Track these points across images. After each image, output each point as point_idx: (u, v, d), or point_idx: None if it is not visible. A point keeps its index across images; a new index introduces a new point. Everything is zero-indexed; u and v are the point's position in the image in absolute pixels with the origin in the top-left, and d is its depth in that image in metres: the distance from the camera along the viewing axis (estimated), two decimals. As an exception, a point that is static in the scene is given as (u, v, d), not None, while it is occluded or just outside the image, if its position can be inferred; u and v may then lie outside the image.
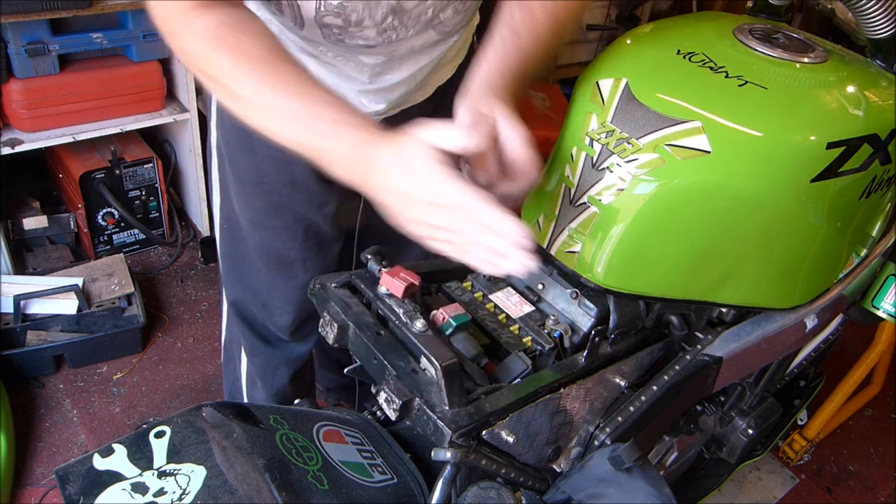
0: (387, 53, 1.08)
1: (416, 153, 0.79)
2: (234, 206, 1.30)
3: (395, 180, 0.80)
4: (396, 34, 1.03)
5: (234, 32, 0.84)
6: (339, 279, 0.98)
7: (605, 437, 0.98)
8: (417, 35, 1.06)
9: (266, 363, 1.46)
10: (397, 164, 0.79)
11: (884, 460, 2.11)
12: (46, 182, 2.51)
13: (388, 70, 1.13)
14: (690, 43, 1.00)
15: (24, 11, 1.81)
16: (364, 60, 1.09)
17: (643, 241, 0.93)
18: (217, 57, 0.84)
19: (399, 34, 1.04)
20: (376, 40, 1.03)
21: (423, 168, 0.78)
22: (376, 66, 1.11)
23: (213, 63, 0.84)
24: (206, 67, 0.85)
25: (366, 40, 1.03)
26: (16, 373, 1.96)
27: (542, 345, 0.98)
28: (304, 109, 0.82)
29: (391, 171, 0.80)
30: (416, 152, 0.79)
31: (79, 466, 0.77)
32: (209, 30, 0.84)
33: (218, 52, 0.84)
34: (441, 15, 1.05)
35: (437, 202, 0.79)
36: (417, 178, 0.79)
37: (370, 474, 0.89)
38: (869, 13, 1.00)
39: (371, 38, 1.03)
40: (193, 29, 0.84)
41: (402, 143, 0.80)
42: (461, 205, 0.78)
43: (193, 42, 0.85)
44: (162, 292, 2.37)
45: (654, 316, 1.04)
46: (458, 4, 1.05)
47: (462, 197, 0.77)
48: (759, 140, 0.89)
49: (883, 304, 1.35)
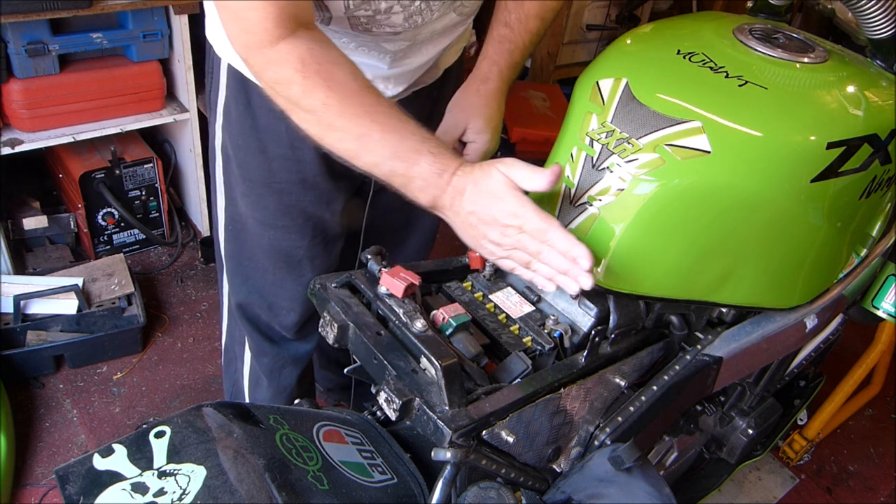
0: (410, 38, 1.10)
1: (495, 180, 0.88)
2: (241, 208, 1.31)
3: (475, 204, 0.89)
4: (422, 18, 1.06)
5: (323, 63, 0.89)
6: (339, 279, 0.98)
7: (605, 437, 0.98)
8: (440, 18, 1.09)
9: (273, 363, 1.47)
10: (476, 190, 0.89)
11: (884, 460, 2.11)
12: (46, 182, 2.51)
13: (409, 55, 1.15)
14: (690, 43, 1.00)
15: (24, 11, 1.81)
16: (387, 47, 1.11)
17: (643, 241, 0.93)
18: (311, 88, 0.89)
19: (425, 18, 1.06)
20: (403, 26, 1.05)
21: (500, 193, 0.87)
22: (398, 51, 1.12)
23: (308, 94, 0.89)
24: (300, 98, 0.90)
25: (392, 27, 1.05)
26: (16, 373, 1.96)
27: (542, 345, 0.98)
28: (393, 140, 0.89)
29: (471, 195, 0.89)
30: (494, 179, 0.88)
31: (79, 466, 0.77)
32: (300, 60, 0.88)
33: (312, 83, 0.89)
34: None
35: (512, 224, 0.88)
36: (495, 202, 0.88)
37: (370, 474, 0.89)
38: (869, 13, 1.00)
39: (398, 24, 1.05)
40: (285, 60, 0.89)
41: (480, 171, 0.89)
42: (534, 227, 0.87)
43: (288, 73, 0.89)
44: (162, 292, 2.37)
45: (654, 316, 1.04)
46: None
47: (535, 220, 0.86)
48: (759, 140, 0.89)
49: (883, 304, 1.35)
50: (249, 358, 1.51)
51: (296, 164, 1.22)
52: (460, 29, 1.19)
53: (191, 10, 2.06)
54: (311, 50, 0.89)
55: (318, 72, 0.89)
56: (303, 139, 1.19)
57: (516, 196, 0.87)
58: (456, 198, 0.91)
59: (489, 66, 1.15)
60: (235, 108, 1.21)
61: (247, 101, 1.19)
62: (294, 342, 1.46)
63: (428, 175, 0.90)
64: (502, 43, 1.14)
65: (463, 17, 1.14)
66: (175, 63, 2.21)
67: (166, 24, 2.11)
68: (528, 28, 1.14)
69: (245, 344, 1.49)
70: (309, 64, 0.88)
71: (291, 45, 0.89)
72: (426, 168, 0.89)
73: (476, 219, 0.90)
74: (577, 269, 0.86)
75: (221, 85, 1.22)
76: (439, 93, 1.31)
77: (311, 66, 0.88)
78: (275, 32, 0.88)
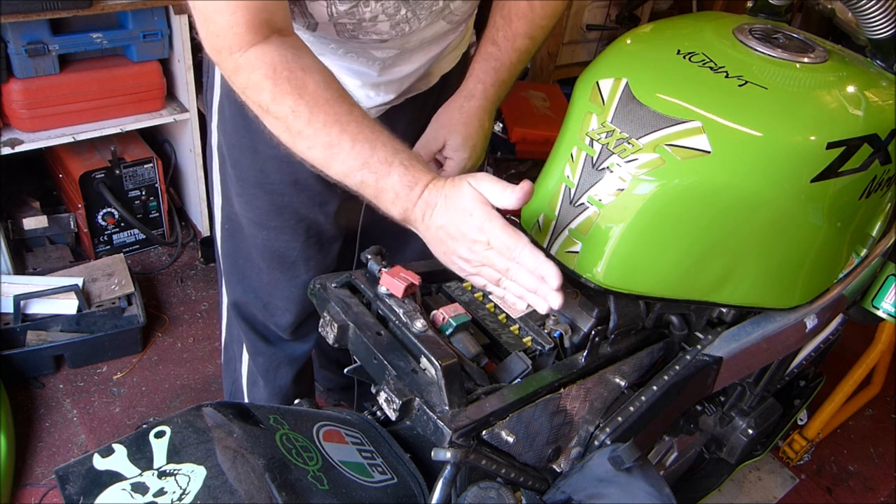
0: (399, 46, 1.09)
1: (464, 195, 0.86)
2: (235, 207, 1.31)
3: (444, 218, 0.88)
4: (409, 26, 1.05)
5: (294, 70, 0.88)
6: (339, 279, 0.98)
7: (605, 437, 0.98)
8: (429, 26, 1.08)
9: (268, 362, 1.47)
10: (446, 204, 0.88)
11: (884, 460, 2.11)
12: (46, 182, 2.51)
13: (399, 62, 1.14)
14: (690, 43, 1.00)
15: (24, 11, 1.81)
16: (375, 55, 1.10)
17: (643, 241, 0.93)
18: (281, 95, 0.87)
19: (412, 26, 1.05)
20: (390, 34, 1.05)
21: (469, 208, 0.86)
22: (387, 59, 1.12)
23: (278, 101, 0.88)
24: (269, 105, 0.89)
25: (379, 35, 1.04)
26: (16, 373, 1.96)
27: (542, 345, 0.98)
28: (364, 151, 0.88)
29: (441, 209, 0.88)
30: (463, 194, 0.87)
31: (79, 466, 0.77)
32: (272, 66, 0.87)
33: (282, 90, 0.87)
34: (451, 4, 1.07)
35: (479, 240, 0.86)
36: (464, 217, 0.86)
37: (370, 474, 0.88)
38: (869, 13, 1.00)
39: (385, 31, 1.04)
40: (254, 66, 0.87)
41: (451, 186, 0.88)
42: (501, 244, 0.85)
43: (257, 78, 0.88)
44: (162, 292, 2.37)
45: (654, 316, 1.04)
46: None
47: (502, 236, 0.85)
48: (759, 140, 0.89)
49: (883, 304, 1.35)
50: (248, 357, 1.51)
51: (288, 166, 1.21)
52: (452, 36, 1.18)
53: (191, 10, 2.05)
54: (283, 56, 0.88)
55: (288, 79, 0.87)
56: None
57: (485, 211, 0.86)
58: (427, 212, 0.89)
59: (474, 84, 1.13)
60: (229, 108, 1.21)
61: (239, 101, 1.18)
62: (290, 343, 1.45)
63: (399, 188, 0.88)
64: (488, 61, 1.12)
65: (453, 26, 1.13)
66: (175, 63, 2.21)
67: (166, 24, 2.11)
68: (515, 47, 1.12)
69: (243, 343, 1.49)
70: (279, 71, 0.87)
71: (262, 50, 0.87)
72: (397, 180, 0.88)
73: (445, 233, 0.89)
74: (545, 287, 0.85)
75: (216, 84, 1.22)
76: (436, 100, 1.28)
77: (282, 73, 0.87)
78: (245, 38, 0.87)
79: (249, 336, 1.45)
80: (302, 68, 0.89)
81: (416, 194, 0.89)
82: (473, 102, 1.13)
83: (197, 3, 0.88)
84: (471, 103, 1.14)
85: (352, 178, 0.90)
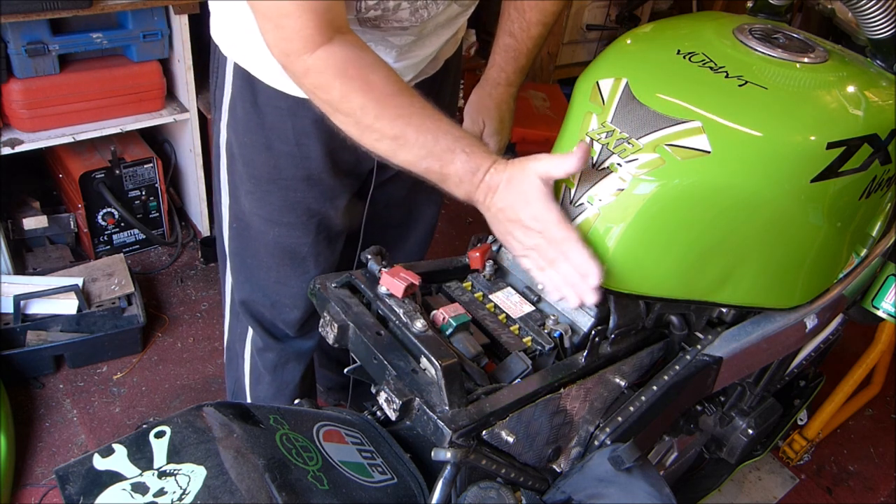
0: (416, 33, 1.13)
1: (526, 180, 0.91)
2: (245, 206, 1.32)
3: (504, 201, 0.93)
4: (428, 11, 1.09)
5: (361, 68, 0.93)
6: (339, 279, 0.98)
7: (605, 437, 0.98)
8: (444, 10, 1.12)
9: (277, 358, 1.49)
10: (508, 188, 0.92)
11: (884, 460, 2.11)
12: (46, 182, 2.51)
13: (415, 48, 1.17)
14: (690, 43, 1.00)
15: (24, 11, 1.81)
16: (393, 41, 1.13)
17: (643, 241, 0.93)
18: (350, 93, 0.92)
19: (430, 11, 1.09)
20: (409, 20, 1.09)
21: (529, 196, 0.91)
22: (404, 45, 1.15)
23: (347, 99, 0.92)
24: (339, 103, 0.93)
25: (400, 22, 1.08)
26: (16, 373, 1.96)
27: (542, 345, 0.98)
28: (427, 141, 0.93)
29: (503, 192, 0.93)
30: (525, 180, 0.91)
31: (79, 466, 0.77)
32: (341, 66, 0.92)
33: (350, 88, 0.92)
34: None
35: (534, 228, 0.91)
36: (523, 202, 0.91)
37: (370, 474, 0.89)
38: (869, 13, 1.00)
39: (405, 18, 1.08)
40: (324, 66, 0.92)
41: (513, 171, 0.92)
42: (553, 236, 0.90)
43: (327, 79, 0.92)
44: (162, 292, 2.37)
45: (654, 316, 1.04)
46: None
47: (556, 229, 0.90)
48: (759, 140, 0.89)
49: (883, 304, 1.35)
50: (250, 355, 1.51)
51: (301, 161, 1.23)
52: (461, 19, 1.22)
53: (191, 10, 2.05)
54: (349, 56, 0.92)
55: (355, 77, 0.92)
56: (308, 136, 1.21)
57: (544, 202, 0.90)
58: (489, 194, 0.94)
59: (498, 73, 1.29)
60: (242, 106, 1.22)
61: (253, 99, 1.20)
62: (297, 339, 1.47)
63: (462, 173, 0.94)
64: (507, 51, 1.27)
65: (464, 8, 1.18)
66: (175, 63, 2.21)
67: (166, 24, 2.11)
68: (530, 35, 1.25)
69: (246, 341, 1.50)
70: (347, 70, 0.92)
71: (329, 51, 0.91)
72: (460, 166, 0.93)
73: (504, 216, 0.94)
74: (584, 285, 0.90)
75: (227, 83, 1.23)
76: (441, 84, 1.35)
77: (349, 72, 0.92)
78: (314, 40, 0.90)
79: (258, 332, 1.46)
80: (367, 66, 0.93)
81: (479, 178, 0.94)
82: (500, 90, 1.30)
83: (263, 8, 0.91)
84: (498, 90, 1.30)
85: (418, 166, 0.95)
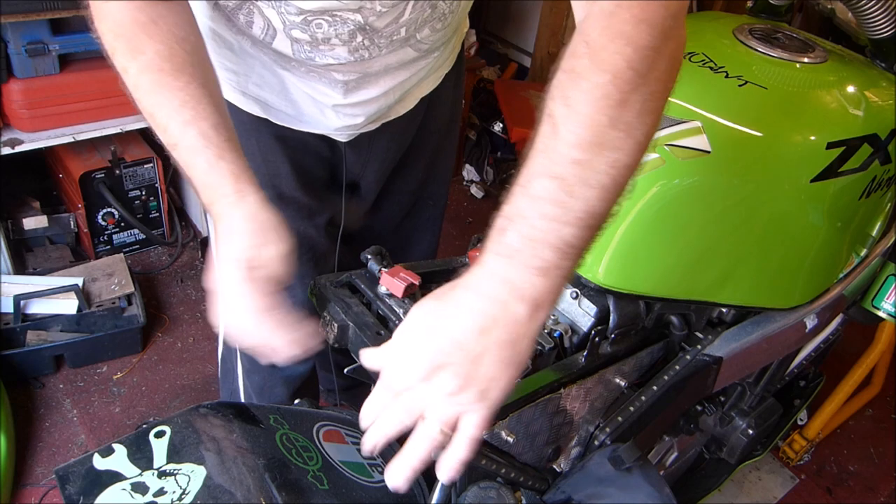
0: (360, 71, 1.04)
1: (232, 247, 0.78)
2: None
3: (218, 253, 0.79)
4: (369, 53, 0.99)
5: (138, 33, 0.80)
6: (339, 279, 0.98)
7: (605, 437, 0.98)
8: (392, 53, 1.02)
9: (264, 381, 1.43)
10: (221, 245, 0.79)
11: (884, 460, 2.11)
12: (46, 182, 2.51)
13: (362, 86, 1.08)
14: (690, 43, 0.99)
15: (24, 11, 1.80)
16: (336, 77, 1.05)
17: (643, 241, 0.93)
18: (119, 54, 0.81)
19: (371, 53, 0.99)
20: (347, 58, 0.99)
21: (229, 261, 0.78)
22: (350, 82, 1.06)
23: (117, 58, 0.82)
24: (114, 60, 0.82)
25: (337, 59, 0.99)
26: (16, 373, 1.96)
27: (542, 345, 0.98)
28: (179, 134, 0.80)
29: (219, 243, 0.80)
30: (231, 246, 0.78)
31: (79, 466, 0.77)
32: (118, 23, 0.80)
33: (119, 49, 0.81)
34: (417, 34, 1.01)
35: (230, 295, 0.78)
36: (224, 267, 0.78)
37: (370, 474, 0.89)
38: (869, 13, 1.00)
39: (342, 56, 0.99)
40: (106, 16, 0.81)
41: (229, 226, 0.79)
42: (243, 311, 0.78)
43: (104, 29, 0.81)
44: (162, 292, 2.37)
45: (654, 316, 1.04)
46: (437, 24, 1.01)
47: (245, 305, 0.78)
48: (759, 140, 0.89)
49: (883, 304, 1.35)
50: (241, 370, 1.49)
51: (271, 179, 1.17)
52: (423, 62, 1.10)
53: (191, 10, 2.05)
54: (139, 8, 0.80)
55: (129, 37, 0.80)
56: (274, 152, 1.14)
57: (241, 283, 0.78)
58: (217, 224, 0.82)
59: None
60: None
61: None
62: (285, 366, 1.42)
63: (199, 185, 0.82)
64: None
65: (423, 53, 1.07)
66: (175, 63, 2.21)
67: (166, 24, 2.10)
68: None
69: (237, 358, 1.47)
70: (124, 28, 0.80)
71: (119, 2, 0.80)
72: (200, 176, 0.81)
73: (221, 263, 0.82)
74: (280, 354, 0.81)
75: None
76: (419, 124, 1.25)
77: (124, 32, 0.80)
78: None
79: (245, 355, 1.40)
80: (146, 30, 0.80)
81: (211, 203, 0.82)
82: None
83: None
84: None
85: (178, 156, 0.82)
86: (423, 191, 1.43)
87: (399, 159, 1.32)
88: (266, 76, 1.09)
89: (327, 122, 1.14)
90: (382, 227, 1.42)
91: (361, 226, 1.39)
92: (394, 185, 1.36)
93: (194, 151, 0.79)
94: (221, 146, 0.80)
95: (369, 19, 0.92)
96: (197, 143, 0.79)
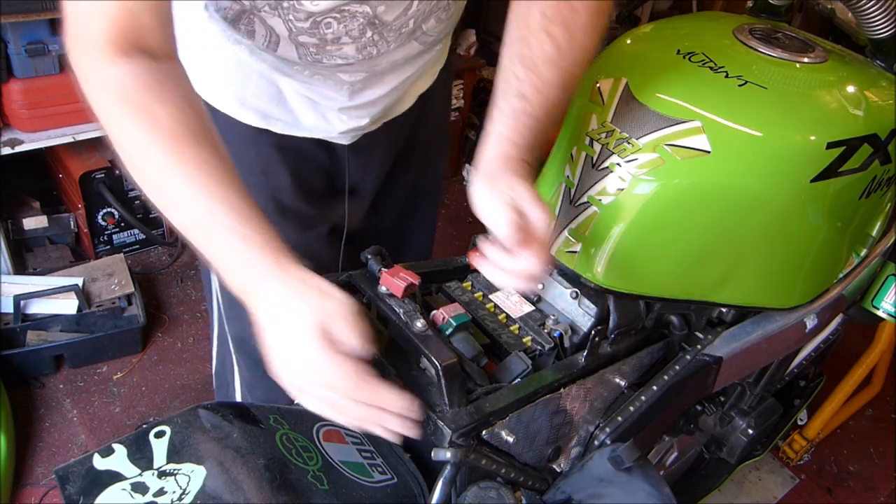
0: (367, 69, 1.02)
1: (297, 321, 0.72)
2: None
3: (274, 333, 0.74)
4: (377, 49, 0.98)
5: (147, 97, 0.75)
6: (339, 279, 0.98)
7: (605, 436, 0.98)
8: (399, 48, 1.00)
9: (267, 396, 1.43)
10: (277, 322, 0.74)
11: (884, 460, 2.11)
12: (46, 182, 2.51)
13: (369, 86, 1.07)
14: (690, 43, 1.00)
15: (24, 11, 1.81)
16: (343, 78, 1.03)
17: (643, 241, 0.93)
18: (126, 122, 0.76)
19: (380, 49, 0.98)
20: (356, 57, 0.97)
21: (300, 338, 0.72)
22: (356, 83, 1.05)
23: (122, 128, 0.76)
24: (115, 132, 0.77)
25: (345, 58, 0.97)
26: (16, 373, 1.96)
27: (542, 345, 0.98)
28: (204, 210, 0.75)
29: (271, 322, 0.75)
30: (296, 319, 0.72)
31: (79, 466, 0.77)
32: (123, 88, 0.75)
33: (127, 116, 0.75)
34: (424, 25, 1.00)
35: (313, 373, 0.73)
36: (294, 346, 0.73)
37: (370, 474, 0.89)
38: (869, 13, 1.00)
39: (350, 55, 0.97)
40: (107, 82, 0.75)
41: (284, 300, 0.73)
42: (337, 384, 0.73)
43: (105, 98, 0.76)
44: (162, 292, 2.37)
45: (654, 316, 1.04)
46: (441, 14, 1.00)
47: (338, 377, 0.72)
48: (759, 140, 0.89)
49: (883, 304, 1.35)
50: (240, 384, 1.47)
51: (271, 191, 1.16)
52: (427, 56, 1.10)
53: (191, 10, 2.05)
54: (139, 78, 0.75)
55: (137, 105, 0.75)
56: (274, 162, 1.13)
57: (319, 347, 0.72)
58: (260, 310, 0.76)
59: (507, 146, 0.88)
60: None
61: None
62: None
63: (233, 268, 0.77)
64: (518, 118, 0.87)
65: (427, 46, 1.05)
66: (175, 63, 2.21)
67: (166, 24, 2.10)
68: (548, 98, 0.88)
69: (235, 373, 1.45)
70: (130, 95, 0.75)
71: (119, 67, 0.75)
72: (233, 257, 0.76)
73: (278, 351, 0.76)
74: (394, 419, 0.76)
75: None
76: (415, 121, 1.24)
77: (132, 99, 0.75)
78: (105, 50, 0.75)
79: (249, 369, 1.37)
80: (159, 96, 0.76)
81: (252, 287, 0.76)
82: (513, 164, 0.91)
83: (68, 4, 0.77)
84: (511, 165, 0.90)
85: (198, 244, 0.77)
86: (418, 188, 1.43)
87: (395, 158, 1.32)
88: (263, 85, 1.08)
89: (330, 126, 1.13)
90: (379, 226, 1.42)
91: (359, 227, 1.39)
92: (390, 184, 1.37)
93: (239, 236, 0.74)
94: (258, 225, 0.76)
95: (378, 10, 0.91)
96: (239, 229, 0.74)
